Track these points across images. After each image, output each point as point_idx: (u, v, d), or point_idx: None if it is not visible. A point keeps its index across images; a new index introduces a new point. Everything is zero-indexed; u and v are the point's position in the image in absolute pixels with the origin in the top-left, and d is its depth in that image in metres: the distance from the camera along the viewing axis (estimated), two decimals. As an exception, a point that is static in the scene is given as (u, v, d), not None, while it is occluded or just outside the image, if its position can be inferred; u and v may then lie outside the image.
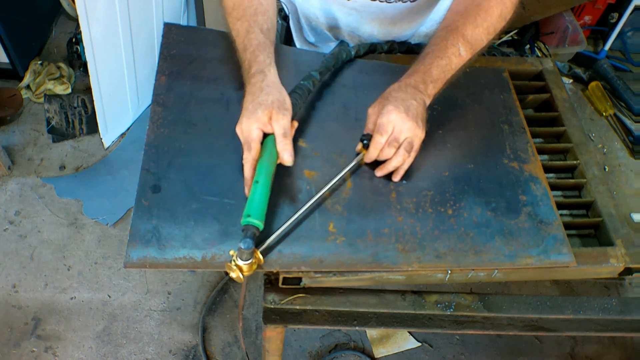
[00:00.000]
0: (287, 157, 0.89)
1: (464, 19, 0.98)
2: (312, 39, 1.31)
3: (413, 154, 0.96)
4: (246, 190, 0.90)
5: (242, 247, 0.79)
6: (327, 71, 1.10)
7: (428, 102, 0.96)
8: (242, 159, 0.90)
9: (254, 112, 0.88)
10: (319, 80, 1.07)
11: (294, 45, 1.37)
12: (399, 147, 0.93)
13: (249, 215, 0.83)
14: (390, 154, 0.94)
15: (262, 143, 0.90)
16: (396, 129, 0.92)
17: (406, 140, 0.93)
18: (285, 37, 1.38)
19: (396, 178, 0.98)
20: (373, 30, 1.21)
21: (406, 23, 1.20)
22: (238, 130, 0.90)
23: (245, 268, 0.82)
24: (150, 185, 0.93)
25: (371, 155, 0.96)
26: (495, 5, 0.99)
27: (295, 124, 0.96)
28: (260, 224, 0.84)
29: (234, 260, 0.82)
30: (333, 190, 0.96)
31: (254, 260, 0.83)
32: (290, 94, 0.96)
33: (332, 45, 1.24)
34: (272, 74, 0.95)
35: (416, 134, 0.93)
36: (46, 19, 2.59)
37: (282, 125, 0.89)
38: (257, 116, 0.88)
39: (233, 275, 0.82)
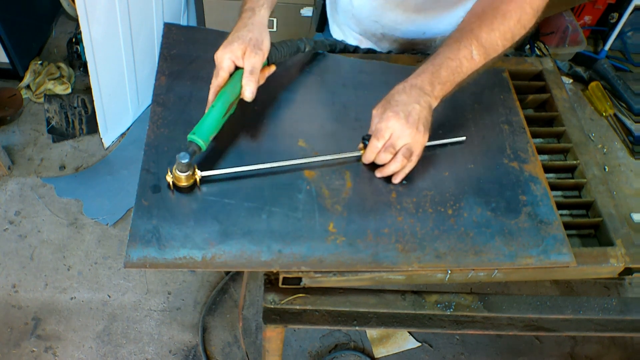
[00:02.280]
0: (247, 93, 0.94)
1: (479, 22, 0.95)
2: (341, 19, 1.34)
3: (414, 159, 0.95)
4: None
5: (179, 159, 0.86)
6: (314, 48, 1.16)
7: (434, 104, 0.94)
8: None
9: (231, 43, 0.94)
10: (304, 51, 1.12)
11: (328, 24, 1.41)
12: (396, 153, 0.93)
13: (194, 133, 0.90)
14: (386, 159, 0.94)
15: (232, 75, 0.96)
16: (394, 136, 0.91)
17: (404, 146, 0.92)
18: (321, 14, 1.43)
19: (396, 181, 0.98)
20: (397, 18, 1.20)
21: (431, 13, 1.18)
22: (215, 56, 0.96)
23: (182, 178, 0.89)
24: (150, 185, 0.93)
25: (367, 157, 0.96)
26: (514, 9, 0.95)
27: (273, 68, 1.03)
28: (202, 144, 0.90)
29: (174, 168, 0.89)
30: (331, 189, 0.97)
31: (190, 174, 0.89)
32: (278, 42, 1.02)
33: (356, 35, 1.30)
34: (261, 15, 0.99)
35: (416, 139, 0.92)
36: (46, 19, 2.59)
37: (252, 63, 0.94)
38: (232, 48, 0.93)
39: (168, 179, 0.90)
